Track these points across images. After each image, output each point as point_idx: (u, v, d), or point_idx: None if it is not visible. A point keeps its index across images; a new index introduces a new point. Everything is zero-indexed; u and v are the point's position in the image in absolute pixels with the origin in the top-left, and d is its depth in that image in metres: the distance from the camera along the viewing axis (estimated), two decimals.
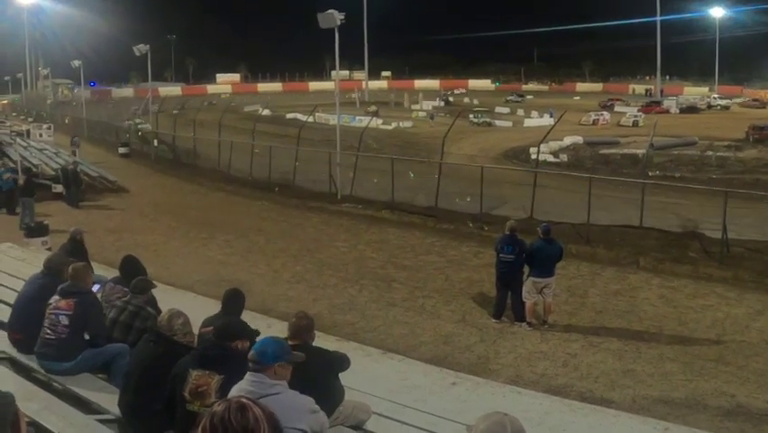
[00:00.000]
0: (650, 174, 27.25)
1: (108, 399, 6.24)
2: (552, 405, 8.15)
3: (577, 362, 11.16)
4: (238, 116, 47.80)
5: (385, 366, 9.38)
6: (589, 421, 7.72)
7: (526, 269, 13.01)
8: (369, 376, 8.03)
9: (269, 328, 7.97)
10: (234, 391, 4.24)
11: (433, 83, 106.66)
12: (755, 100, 77.63)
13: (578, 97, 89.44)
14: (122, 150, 40.98)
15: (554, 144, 40.33)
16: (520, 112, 68.73)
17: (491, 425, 2.86)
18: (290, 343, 5.29)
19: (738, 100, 79.65)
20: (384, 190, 24.69)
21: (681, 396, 9.85)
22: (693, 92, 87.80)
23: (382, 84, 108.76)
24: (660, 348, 11.81)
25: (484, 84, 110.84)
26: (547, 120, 55.79)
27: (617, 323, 13.16)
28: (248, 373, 4.35)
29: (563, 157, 39.84)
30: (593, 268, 16.81)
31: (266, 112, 52.34)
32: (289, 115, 59.18)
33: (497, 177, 25.08)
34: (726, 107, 74.40)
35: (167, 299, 8.17)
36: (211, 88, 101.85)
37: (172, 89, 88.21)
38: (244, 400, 2.54)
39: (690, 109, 70.99)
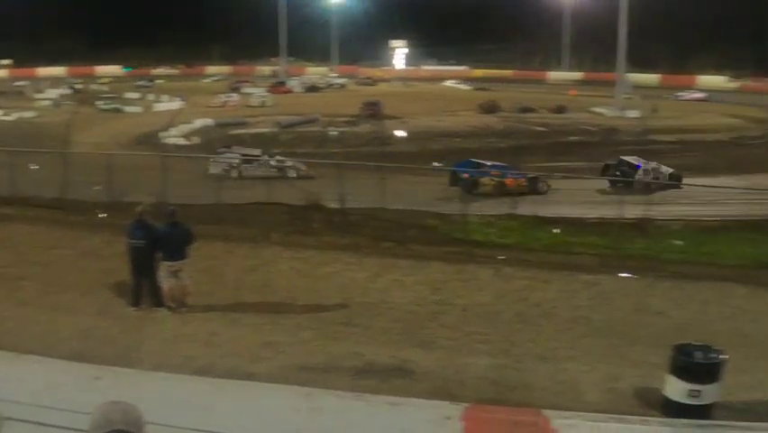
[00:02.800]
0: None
1: None
2: (198, 386, 8.35)
3: (219, 340, 11.41)
4: None
5: (23, 369, 8.84)
6: (236, 397, 8.06)
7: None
8: (6, 381, 7.57)
9: None
10: None
11: (60, 70, 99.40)
12: (367, 78, 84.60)
13: (208, 80, 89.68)
14: None
15: (185, 127, 40.17)
16: (150, 97, 67.17)
17: (96, 418, 2.94)
18: None
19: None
20: (2, 185, 22.67)
21: (319, 361, 10.54)
22: (315, 72, 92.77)
23: (2, 73, 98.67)
24: (296, 318, 12.53)
25: (114, 70, 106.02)
26: (178, 104, 55.58)
27: (254, 298, 13.65)
28: None
29: (195, 139, 39.92)
30: (227, 246, 17.02)
31: None
32: None
33: (128, 164, 24.43)
34: (343, 86, 79.96)
35: None
36: None
37: None
38: None
39: (312, 88, 75.29)
